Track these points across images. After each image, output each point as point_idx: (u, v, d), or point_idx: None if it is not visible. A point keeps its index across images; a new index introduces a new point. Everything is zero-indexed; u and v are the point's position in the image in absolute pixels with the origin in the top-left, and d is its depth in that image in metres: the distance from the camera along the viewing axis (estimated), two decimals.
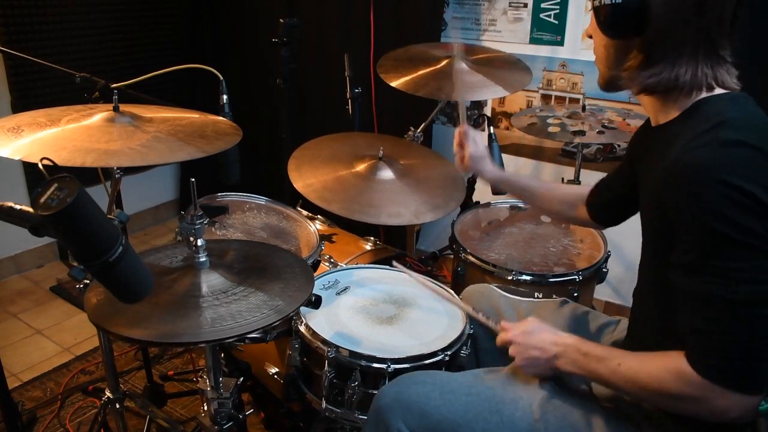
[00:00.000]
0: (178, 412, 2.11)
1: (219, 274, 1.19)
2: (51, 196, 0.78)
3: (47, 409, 2.11)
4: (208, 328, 1.06)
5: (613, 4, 0.99)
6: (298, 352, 1.46)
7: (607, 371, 1.06)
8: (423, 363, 1.35)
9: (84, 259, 0.84)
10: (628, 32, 1.01)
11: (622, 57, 1.05)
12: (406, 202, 1.77)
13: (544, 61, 2.67)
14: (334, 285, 1.63)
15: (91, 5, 2.96)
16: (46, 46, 2.78)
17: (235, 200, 2.01)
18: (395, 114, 2.91)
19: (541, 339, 1.18)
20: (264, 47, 2.64)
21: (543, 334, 1.19)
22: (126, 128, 1.31)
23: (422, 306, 1.57)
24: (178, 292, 1.14)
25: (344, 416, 1.40)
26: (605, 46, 1.09)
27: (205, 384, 1.29)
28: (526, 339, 1.20)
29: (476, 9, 2.78)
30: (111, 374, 1.63)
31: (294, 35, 2.15)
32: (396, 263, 1.67)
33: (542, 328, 1.21)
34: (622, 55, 1.05)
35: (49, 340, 2.51)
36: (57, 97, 2.06)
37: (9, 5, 2.63)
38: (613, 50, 1.07)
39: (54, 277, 2.94)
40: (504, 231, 2.06)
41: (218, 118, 1.49)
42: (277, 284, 1.21)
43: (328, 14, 3.00)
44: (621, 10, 0.99)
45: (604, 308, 2.70)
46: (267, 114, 3.02)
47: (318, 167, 1.84)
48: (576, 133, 2.10)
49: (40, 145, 1.18)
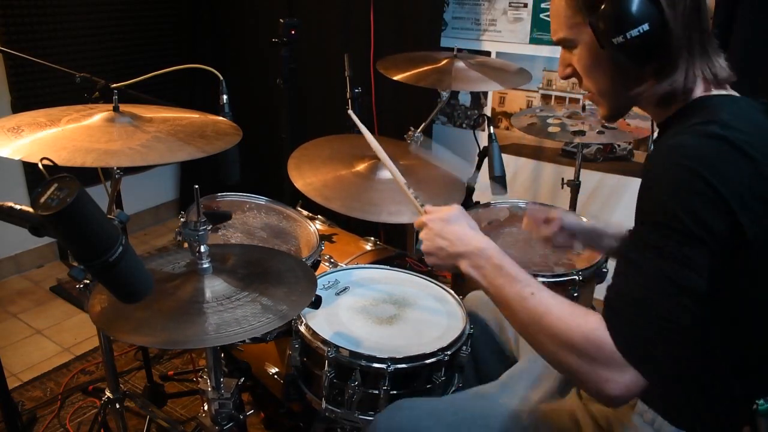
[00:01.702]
0: (178, 412, 2.11)
1: (222, 279, 1.19)
2: (51, 196, 0.77)
3: (47, 409, 2.11)
4: (213, 334, 1.06)
5: (641, 34, 0.93)
6: (298, 352, 1.46)
7: (515, 295, 0.98)
8: (423, 363, 1.35)
9: (84, 259, 0.84)
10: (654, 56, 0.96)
11: (634, 81, 1.01)
12: (406, 201, 1.76)
13: (544, 61, 2.67)
14: (334, 285, 1.63)
15: (91, 5, 2.96)
16: (46, 46, 2.78)
17: (235, 200, 2.01)
18: (395, 114, 2.91)
19: (454, 231, 1.08)
20: (264, 47, 2.64)
21: (458, 227, 1.09)
22: (126, 128, 1.31)
23: (422, 306, 1.57)
24: (182, 298, 1.14)
25: (344, 416, 1.40)
26: (612, 79, 1.03)
27: (206, 384, 1.28)
28: (439, 227, 1.10)
29: (476, 9, 2.79)
30: (111, 374, 1.63)
31: (294, 35, 2.15)
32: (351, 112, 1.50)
33: (461, 221, 1.10)
34: (634, 79, 1.01)
35: (49, 340, 2.51)
36: (57, 97, 2.06)
37: (9, 5, 2.63)
38: (624, 79, 1.02)
39: (54, 277, 2.94)
40: (504, 231, 2.06)
41: (218, 118, 1.49)
42: (280, 288, 1.20)
43: (328, 14, 3.01)
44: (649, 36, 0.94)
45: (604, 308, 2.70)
46: (267, 114, 3.02)
47: (318, 167, 1.83)
48: (576, 133, 2.10)
49: (40, 145, 1.18)
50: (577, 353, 0.89)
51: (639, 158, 2.61)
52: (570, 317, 0.92)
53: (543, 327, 0.94)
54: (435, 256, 1.11)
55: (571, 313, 0.93)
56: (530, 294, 0.97)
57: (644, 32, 0.93)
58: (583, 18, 0.99)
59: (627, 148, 2.64)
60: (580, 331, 0.90)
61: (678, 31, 0.94)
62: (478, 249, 1.05)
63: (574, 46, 1.05)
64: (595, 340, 0.88)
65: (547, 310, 0.94)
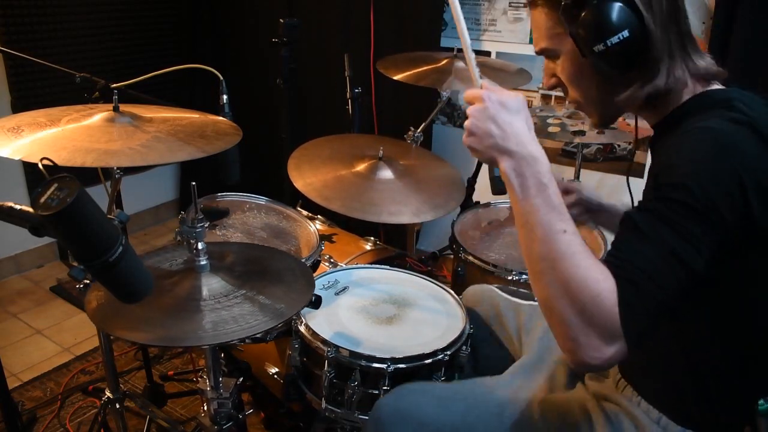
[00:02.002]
0: (178, 412, 2.11)
1: (220, 277, 1.19)
2: (51, 196, 0.77)
3: (47, 409, 2.11)
4: (210, 332, 1.06)
5: (622, 41, 0.93)
6: (298, 352, 1.46)
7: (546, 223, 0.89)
8: (423, 363, 1.35)
9: (84, 259, 0.84)
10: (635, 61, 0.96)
11: (619, 87, 1.00)
12: (406, 201, 1.76)
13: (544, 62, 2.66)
14: (333, 285, 1.63)
15: (91, 5, 2.96)
16: (46, 46, 2.78)
17: (235, 200, 2.01)
18: (395, 114, 2.91)
19: (512, 123, 0.94)
20: (264, 47, 2.64)
21: (518, 121, 0.95)
22: (126, 128, 1.31)
23: (422, 306, 1.57)
24: (179, 296, 1.14)
25: (344, 416, 1.40)
26: (597, 86, 1.02)
27: (205, 384, 1.28)
28: (496, 109, 0.95)
29: (476, 9, 2.79)
30: (111, 374, 1.63)
31: (294, 35, 2.15)
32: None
33: (521, 114, 0.96)
34: (619, 85, 1.00)
35: (49, 340, 2.51)
36: (57, 97, 2.06)
37: (9, 5, 2.63)
38: (608, 86, 1.01)
39: (54, 277, 2.94)
40: (504, 231, 2.06)
41: (218, 118, 1.49)
42: (278, 287, 1.21)
43: (328, 14, 3.01)
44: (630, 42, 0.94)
45: None
46: (267, 114, 3.02)
47: (318, 167, 1.83)
48: (576, 133, 2.11)
49: (40, 145, 1.18)
50: (579, 309, 0.84)
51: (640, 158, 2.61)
52: (588, 271, 0.85)
53: (558, 268, 0.87)
54: (479, 139, 0.96)
55: (592, 267, 0.86)
56: (562, 231, 0.89)
57: (624, 39, 0.93)
58: (564, 28, 0.99)
59: (627, 148, 2.64)
60: (593, 289, 0.84)
61: (658, 34, 0.95)
62: (531, 156, 0.93)
63: (556, 56, 1.05)
64: (601, 304, 0.83)
65: (571, 254, 0.87)
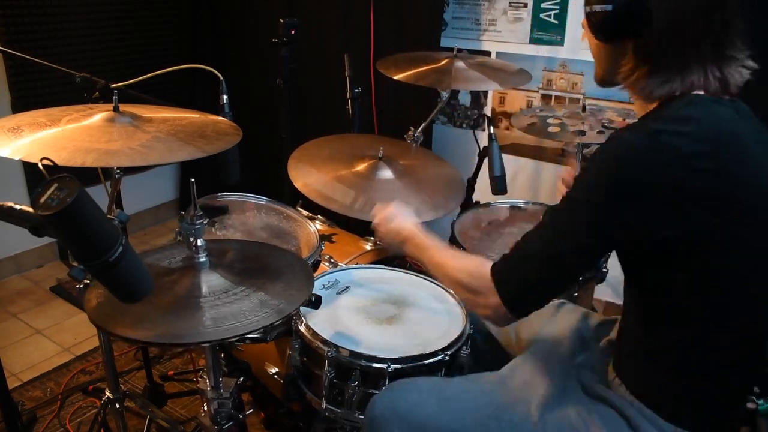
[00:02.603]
0: (178, 412, 2.11)
1: (219, 274, 1.19)
2: (51, 196, 0.77)
3: (47, 409, 2.11)
4: (209, 328, 1.06)
5: (604, 11, 1.01)
6: (298, 352, 1.46)
7: (427, 258, 1.29)
8: (423, 363, 1.35)
9: (84, 259, 0.84)
10: (619, 38, 1.03)
11: (615, 60, 1.07)
12: (406, 201, 1.76)
13: (544, 61, 2.67)
14: (334, 285, 1.63)
15: (91, 5, 2.96)
16: (46, 46, 2.78)
17: (235, 200, 2.01)
18: (395, 114, 2.91)
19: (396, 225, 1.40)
20: (264, 47, 2.64)
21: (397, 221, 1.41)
22: (126, 128, 1.31)
23: (422, 306, 1.57)
24: (179, 293, 1.14)
25: (344, 416, 1.40)
26: (597, 47, 1.11)
27: (205, 384, 1.29)
28: (385, 225, 1.43)
29: (476, 9, 2.78)
30: (111, 374, 1.63)
31: (294, 35, 2.15)
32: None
33: (398, 215, 1.43)
34: (614, 58, 1.07)
35: (49, 340, 2.51)
36: (57, 97, 2.06)
37: (9, 5, 2.63)
38: (606, 53, 1.09)
39: (54, 277, 2.94)
40: (504, 231, 2.06)
41: (218, 118, 1.49)
42: (277, 284, 1.21)
43: (328, 14, 3.00)
44: (612, 16, 1.01)
45: (604, 308, 2.70)
46: (267, 114, 3.02)
47: (318, 167, 1.84)
48: (576, 133, 2.10)
49: (40, 145, 1.18)
50: (465, 287, 1.18)
51: None
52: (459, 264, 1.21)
53: (445, 275, 1.24)
54: (390, 246, 1.46)
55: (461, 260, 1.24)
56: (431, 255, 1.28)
57: (605, 11, 1.01)
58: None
59: None
60: (465, 271, 1.18)
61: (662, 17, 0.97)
62: (410, 235, 1.36)
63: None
64: (474, 272, 1.15)
65: (446, 263, 1.24)
